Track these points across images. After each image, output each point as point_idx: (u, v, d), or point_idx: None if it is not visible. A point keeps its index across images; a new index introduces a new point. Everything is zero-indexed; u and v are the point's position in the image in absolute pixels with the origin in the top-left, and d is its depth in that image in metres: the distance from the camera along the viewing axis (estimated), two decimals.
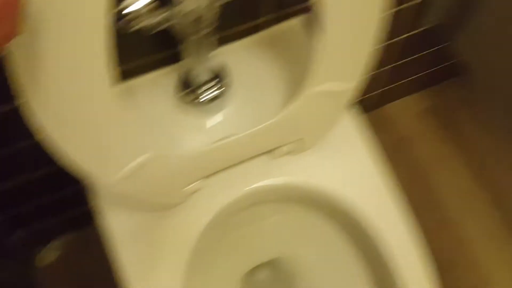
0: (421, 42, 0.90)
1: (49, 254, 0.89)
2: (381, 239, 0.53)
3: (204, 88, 0.53)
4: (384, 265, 0.54)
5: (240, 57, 0.56)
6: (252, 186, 0.55)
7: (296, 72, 0.56)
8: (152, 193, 0.48)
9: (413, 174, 1.01)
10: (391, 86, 1.01)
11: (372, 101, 1.02)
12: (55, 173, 0.70)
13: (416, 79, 1.04)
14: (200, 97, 0.53)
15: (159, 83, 0.55)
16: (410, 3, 0.76)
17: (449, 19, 0.81)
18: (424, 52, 0.94)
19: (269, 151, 0.55)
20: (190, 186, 0.51)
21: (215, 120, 0.55)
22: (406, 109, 1.07)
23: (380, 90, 1.00)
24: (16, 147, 0.63)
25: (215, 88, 0.53)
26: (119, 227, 0.53)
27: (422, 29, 0.85)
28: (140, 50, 0.56)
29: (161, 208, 0.52)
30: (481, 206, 0.98)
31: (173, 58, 0.58)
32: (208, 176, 0.53)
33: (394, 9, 0.75)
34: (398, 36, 0.84)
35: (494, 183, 1.00)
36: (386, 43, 0.82)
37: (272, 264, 0.68)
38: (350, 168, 0.54)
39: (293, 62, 0.56)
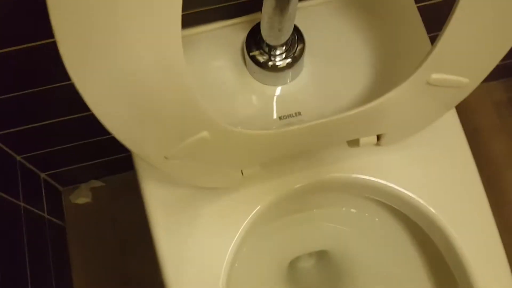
0: None
1: (83, 194, 0.85)
2: (465, 262, 0.45)
3: (278, 51, 0.44)
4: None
5: (326, 20, 0.47)
6: (317, 179, 0.47)
7: (393, 50, 0.46)
8: (205, 174, 0.41)
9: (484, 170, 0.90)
10: None
11: None
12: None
13: (502, 66, 0.91)
14: (272, 61, 0.44)
15: (224, 37, 0.47)
16: None
17: None
18: None
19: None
20: (249, 169, 0.43)
21: (284, 90, 0.46)
22: (485, 97, 0.95)
23: None
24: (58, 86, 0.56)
25: (290, 53, 0.44)
26: (159, 200, 0.47)
27: None
28: None
29: (212, 188, 0.45)
30: None
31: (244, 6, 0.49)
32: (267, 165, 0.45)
33: None
34: None
35: None
36: None
37: (320, 255, 0.61)
38: (442, 178, 0.45)
39: (392, 36, 0.46)
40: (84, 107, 0.29)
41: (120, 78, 0.27)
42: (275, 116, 0.45)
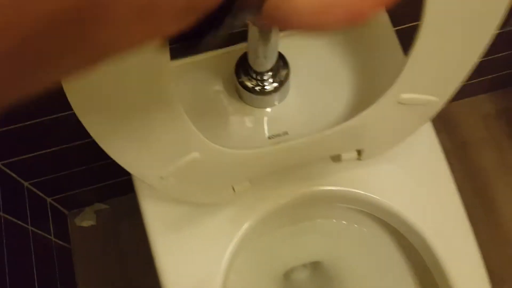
0: (503, 43, 0.81)
1: (87, 217, 0.88)
2: (444, 269, 0.47)
3: (265, 77, 0.48)
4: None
5: (309, 46, 0.51)
6: (305, 190, 0.50)
7: (372, 70, 0.49)
8: (199, 191, 0.44)
9: (473, 182, 0.93)
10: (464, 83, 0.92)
11: None
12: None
13: (490, 80, 0.95)
14: (259, 85, 0.48)
15: (216, 65, 0.51)
16: None
17: None
18: (504, 53, 0.85)
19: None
20: (240, 186, 0.47)
21: (273, 112, 0.50)
22: (474, 110, 0.98)
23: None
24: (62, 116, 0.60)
25: (277, 78, 0.48)
26: (158, 217, 0.50)
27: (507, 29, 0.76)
28: None
29: (206, 204, 0.48)
30: None
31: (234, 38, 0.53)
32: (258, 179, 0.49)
33: None
34: None
35: None
36: None
37: (314, 266, 0.64)
38: (421, 189, 0.48)
39: (371, 58, 0.49)
40: (87, 134, 0.33)
41: (120, 116, 0.31)
42: (266, 135, 0.49)
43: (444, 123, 0.97)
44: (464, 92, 0.97)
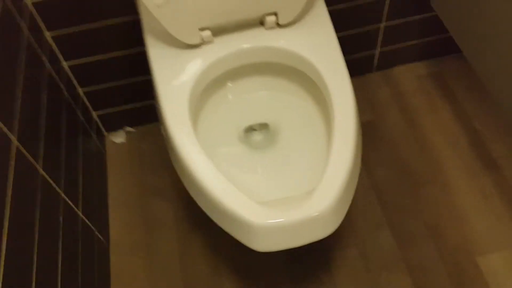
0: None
1: (119, 137, 1.22)
2: (327, 84, 0.78)
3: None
4: (329, 103, 0.78)
5: None
6: (247, 45, 0.84)
7: None
8: (180, 28, 0.79)
9: (407, 117, 1.22)
10: (396, 46, 1.25)
11: (382, 60, 1.27)
12: (133, 57, 1.06)
13: (419, 47, 1.27)
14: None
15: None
16: None
17: None
18: (416, 17, 1.18)
19: (260, 23, 0.84)
20: (204, 32, 0.81)
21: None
22: (410, 72, 1.29)
23: (388, 48, 1.24)
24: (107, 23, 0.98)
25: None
26: (158, 53, 0.84)
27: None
28: None
29: (185, 45, 0.83)
30: (460, 143, 1.16)
31: None
32: (218, 34, 0.83)
33: None
34: None
35: (476, 130, 1.18)
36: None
37: (262, 128, 0.95)
38: (315, 39, 0.83)
39: None
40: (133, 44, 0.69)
41: None
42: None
43: (387, 80, 1.28)
44: (402, 59, 1.29)
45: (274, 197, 0.73)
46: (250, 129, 0.95)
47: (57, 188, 0.84)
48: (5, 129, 0.69)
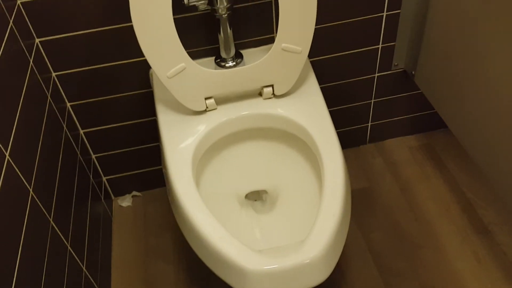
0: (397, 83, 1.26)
1: (126, 201, 1.28)
2: (318, 146, 0.86)
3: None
4: (320, 162, 0.85)
5: None
6: (247, 112, 0.93)
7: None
8: (187, 95, 0.89)
9: (400, 185, 1.27)
10: (386, 121, 1.34)
11: (374, 133, 1.36)
12: (142, 126, 1.15)
13: (409, 121, 1.36)
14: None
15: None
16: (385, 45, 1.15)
17: (409, 62, 1.17)
18: (404, 94, 1.29)
19: (259, 94, 0.94)
20: (209, 100, 0.91)
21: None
22: (401, 144, 1.38)
23: (379, 122, 1.34)
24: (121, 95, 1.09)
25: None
26: (167, 119, 0.94)
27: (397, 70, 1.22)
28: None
29: (191, 111, 0.92)
30: (452, 210, 1.20)
31: None
32: (221, 103, 0.93)
33: (376, 46, 1.14)
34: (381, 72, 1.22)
35: (466, 197, 1.23)
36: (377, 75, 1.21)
37: (262, 193, 1.01)
38: (307, 107, 0.93)
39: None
40: (142, 115, 0.81)
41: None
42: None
43: (380, 151, 1.36)
44: (393, 132, 1.38)
45: (268, 246, 0.78)
46: (250, 196, 1.02)
47: (64, 240, 0.89)
48: (23, 180, 0.76)
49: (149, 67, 1.05)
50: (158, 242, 1.21)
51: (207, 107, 0.93)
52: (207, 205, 0.81)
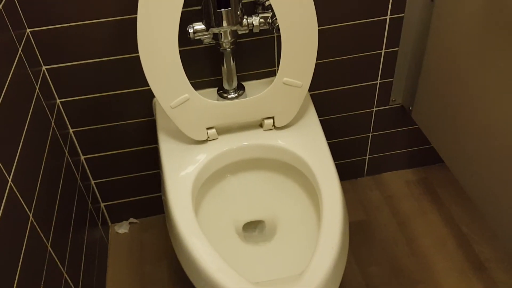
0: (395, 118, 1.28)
1: (123, 228, 1.28)
2: (317, 177, 0.87)
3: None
4: (318, 192, 0.86)
5: None
6: (247, 143, 0.94)
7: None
8: (190, 125, 0.90)
9: (398, 220, 1.28)
10: (384, 154, 1.36)
11: (372, 166, 1.37)
12: (142, 154, 1.16)
13: (406, 155, 1.38)
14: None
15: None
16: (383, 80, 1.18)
17: (406, 97, 1.20)
18: (401, 129, 1.31)
19: (260, 125, 0.96)
20: (210, 130, 0.92)
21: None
22: (398, 177, 1.39)
23: (378, 155, 1.35)
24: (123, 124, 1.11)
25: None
26: (168, 147, 0.95)
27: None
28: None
29: (192, 140, 0.93)
30: (449, 245, 1.20)
31: None
32: (223, 133, 0.94)
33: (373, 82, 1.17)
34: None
35: (463, 233, 1.23)
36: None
37: (259, 224, 1.01)
38: (306, 139, 0.94)
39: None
40: (143, 142, 0.83)
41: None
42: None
43: (378, 184, 1.37)
44: (390, 165, 1.39)
45: (267, 279, 0.78)
46: (248, 226, 1.02)
47: (60, 267, 0.88)
48: (24, 205, 0.77)
49: (152, 96, 1.07)
50: (154, 270, 1.21)
51: (208, 137, 0.95)
52: (206, 234, 0.81)
